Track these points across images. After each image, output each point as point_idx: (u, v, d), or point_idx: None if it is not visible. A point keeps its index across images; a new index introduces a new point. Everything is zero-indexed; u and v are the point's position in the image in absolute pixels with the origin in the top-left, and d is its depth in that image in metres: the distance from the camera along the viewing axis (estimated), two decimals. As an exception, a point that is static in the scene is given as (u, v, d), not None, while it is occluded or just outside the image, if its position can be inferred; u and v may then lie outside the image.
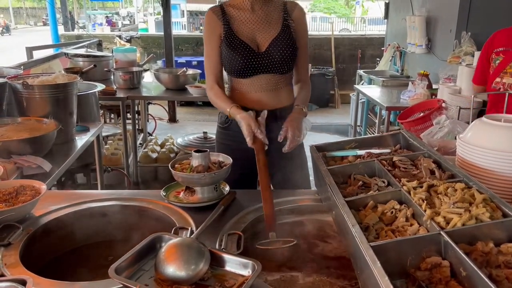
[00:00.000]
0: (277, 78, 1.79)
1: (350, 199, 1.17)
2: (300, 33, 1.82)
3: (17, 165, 1.80)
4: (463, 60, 3.87)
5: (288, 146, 1.63)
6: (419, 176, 1.28)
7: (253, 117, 1.60)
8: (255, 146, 1.56)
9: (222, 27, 1.76)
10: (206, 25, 1.80)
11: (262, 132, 1.57)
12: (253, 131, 1.56)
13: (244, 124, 1.58)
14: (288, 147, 1.63)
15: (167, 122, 6.94)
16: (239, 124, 1.63)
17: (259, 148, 1.55)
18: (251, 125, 1.57)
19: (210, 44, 1.79)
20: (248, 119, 1.59)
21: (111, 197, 1.51)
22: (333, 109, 8.20)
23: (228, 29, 1.76)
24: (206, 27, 1.80)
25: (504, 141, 1.30)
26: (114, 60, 4.45)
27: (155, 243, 1.10)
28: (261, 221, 1.37)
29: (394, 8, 6.36)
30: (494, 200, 1.05)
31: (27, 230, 1.26)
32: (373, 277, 0.83)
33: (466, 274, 0.86)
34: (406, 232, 1.03)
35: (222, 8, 1.79)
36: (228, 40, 1.75)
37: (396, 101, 3.99)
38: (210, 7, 1.83)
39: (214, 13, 1.78)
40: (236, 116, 1.64)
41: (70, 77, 2.37)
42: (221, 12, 1.78)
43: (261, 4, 1.78)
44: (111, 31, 16.08)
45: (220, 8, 1.79)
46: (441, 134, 1.91)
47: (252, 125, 1.57)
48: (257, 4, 1.78)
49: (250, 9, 1.78)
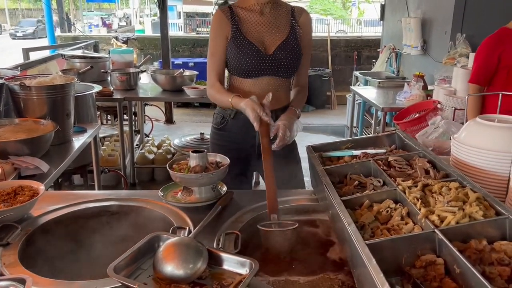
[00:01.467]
0: (279, 81, 1.81)
1: (346, 198, 1.19)
2: (305, 39, 1.84)
3: (15, 166, 1.81)
4: (458, 61, 3.90)
5: (277, 144, 1.64)
6: (414, 175, 1.29)
7: (257, 101, 1.60)
8: (261, 129, 1.57)
9: (231, 27, 1.78)
10: (214, 24, 1.82)
11: (268, 114, 1.57)
12: (259, 114, 1.56)
13: (250, 109, 1.58)
14: (277, 145, 1.64)
15: (164, 123, 6.94)
16: (243, 112, 1.62)
17: (264, 132, 1.56)
18: (255, 109, 1.57)
19: (216, 43, 1.81)
20: (252, 104, 1.59)
21: (109, 197, 1.51)
22: (330, 110, 8.22)
23: (237, 30, 1.77)
24: (214, 26, 1.82)
25: (498, 141, 1.32)
26: (111, 61, 4.45)
27: (153, 243, 1.12)
28: (258, 221, 1.38)
29: (390, 10, 6.40)
30: (487, 199, 1.07)
31: (26, 230, 1.27)
32: (369, 275, 0.85)
33: (460, 271, 0.88)
34: (401, 230, 1.05)
35: (231, 9, 1.81)
36: (236, 40, 1.76)
37: (392, 102, 4.01)
38: (218, 7, 1.85)
39: (223, 12, 1.79)
40: (240, 104, 1.64)
41: (68, 78, 2.37)
42: (230, 13, 1.80)
43: (270, 8, 1.80)
44: (108, 32, 16.06)
45: (229, 8, 1.81)
46: (436, 134, 1.93)
47: (257, 109, 1.57)
48: (266, 8, 1.80)
49: (259, 12, 1.80)
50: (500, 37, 2.67)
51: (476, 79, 2.77)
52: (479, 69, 2.76)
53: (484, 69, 2.72)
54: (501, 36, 2.67)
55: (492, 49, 2.68)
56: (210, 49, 1.84)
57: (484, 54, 2.73)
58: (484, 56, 2.72)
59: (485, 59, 2.70)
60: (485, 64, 2.71)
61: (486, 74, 2.72)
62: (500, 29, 2.72)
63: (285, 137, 1.65)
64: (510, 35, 2.65)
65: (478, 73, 2.76)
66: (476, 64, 2.77)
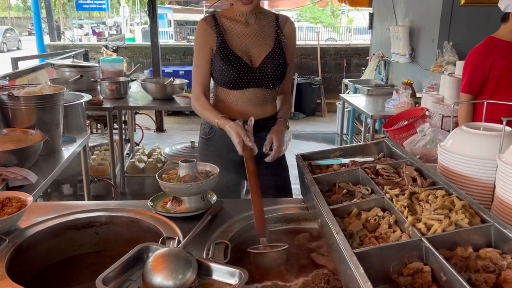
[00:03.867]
0: (265, 92, 1.82)
1: (334, 206, 1.20)
2: (290, 48, 1.85)
3: (3, 176, 1.79)
4: (445, 69, 3.96)
5: (272, 157, 1.67)
6: (401, 183, 1.31)
7: (242, 126, 1.64)
8: (244, 153, 1.59)
9: (216, 38, 1.76)
10: (198, 35, 1.80)
11: (251, 140, 1.61)
12: (243, 139, 1.60)
13: (234, 133, 1.62)
14: (272, 157, 1.67)
15: (154, 132, 6.92)
16: (228, 134, 1.65)
17: (248, 155, 1.58)
18: (240, 134, 1.61)
19: (201, 54, 1.79)
20: (237, 128, 1.63)
21: (98, 207, 1.51)
22: (320, 117, 8.26)
23: (222, 41, 1.76)
24: (198, 37, 1.80)
25: (483, 149, 1.34)
26: (100, 70, 4.45)
27: (142, 253, 1.11)
28: (248, 231, 1.38)
29: (378, 18, 6.48)
30: (473, 207, 1.08)
31: (14, 242, 1.25)
32: (357, 283, 0.85)
33: (447, 278, 0.89)
34: (389, 238, 1.06)
35: (215, 19, 1.79)
36: (221, 52, 1.75)
37: (381, 110, 4.05)
38: (203, 17, 1.84)
39: (207, 23, 1.78)
40: (225, 126, 1.67)
41: (57, 88, 2.36)
42: (214, 23, 1.78)
43: (255, 18, 1.79)
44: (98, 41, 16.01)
45: (212, 18, 1.79)
46: (423, 142, 1.95)
47: (241, 134, 1.61)
48: (251, 18, 1.79)
49: (244, 22, 1.79)
50: (489, 47, 2.69)
51: (469, 89, 2.76)
52: (471, 79, 2.74)
53: (477, 78, 2.70)
54: (489, 46, 2.70)
55: (483, 59, 2.69)
56: (195, 61, 1.82)
57: (474, 63, 2.72)
58: (474, 65, 2.72)
59: (477, 68, 2.70)
60: (477, 73, 2.69)
61: (478, 84, 2.72)
62: (488, 38, 2.75)
63: (280, 149, 1.69)
64: (498, 44, 2.69)
65: (470, 83, 2.74)
66: (467, 74, 2.75)
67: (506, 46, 2.68)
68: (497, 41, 2.70)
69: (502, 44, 2.68)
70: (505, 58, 2.66)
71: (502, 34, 2.71)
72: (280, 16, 1.87)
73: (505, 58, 2.65)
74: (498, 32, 2.75)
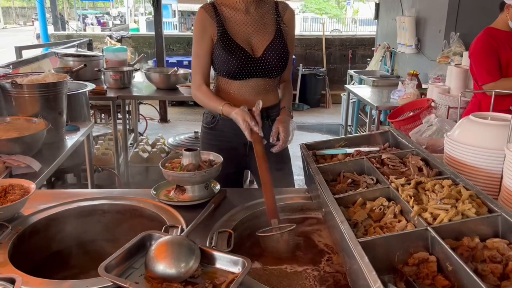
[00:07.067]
0: (268, 81, 1.80)
1: (339, 196, 1.18)
2: (290, 36, 1.83)
3: (6, 164, 1.79)
4: (452, 60, 3.91)
5: (280, 147, 1.65)
6: (407, 173, 1.29)
7: (247, 111, 1.61)
8: (253, 138, 1.57)
9: (216, 28, 1.73)
10: (197, 24, 1.77)
11: (258, 124, 1.58)
12: (250, 124, 1.57)
13: (240, 119, 1.59)
14: (279, 147, 1.65)
15: (158, 122, 6.91)
16: (235, 121, 1.63)
17: (256, 139, 1.56)
18: (246, 119, 1.58)
19: (201, 43, 1.76)
20: (243, 114, 1.59)
21: (101, 196, 1.50)
22: (325, 109, 8.22)
23: (223, 31, 1.73)
24: (197, 26, 1.77)
25: (490, 139, 1.32)
26: (104, 60, 4.42)
27: (145, 241, 1.11)
28: (251, 219, 1.38)
29: (384, 9, 6.41)
30: (480, 196, 1.07)
31: (16, 229, 1.25)
32: (361, 272, 0.84)
33: (452, 268, 0.88)
34: (394, 228, 1.04)
35: (215, 7, 1.76)
36: (223, 43, 1.72)
37: (386, 101, 4.02)
38: (201, 6, 1.81)
39: (206, 12, 1.74)
40: (231, 113, 1.64)
41: (60, 76, 2.35)
42: (213, 12, 1.75)
43: (255, 6, 1.76)
44: (102, 30, 15.97)
45: (212, 6, 1.76)
46: (429, 132, 1.93)
47: (247, 119, 1.57)
48: (251, 6, 1.76)
49: (245, 10, 1.75)
50: (491, 36, 2.67)
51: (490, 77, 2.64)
52: (488, 66, 2.64)
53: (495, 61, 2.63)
54: (491, 35, 2.67)
55: (491, 45, 2.65)
56: (195, 50, 1.79)
57: (484, 50, 2.67)
58: (485, 52, 2.66)
59: (489, 54, 2.64)
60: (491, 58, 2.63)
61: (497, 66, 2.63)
62: (487, 28, 2.72)
63: (287, 139, 1.67)
64: (497, 34, 2.67)
65: (488, 69, 2.65)
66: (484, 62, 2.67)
67: (504, 36, 2.67)
68: (495, 31, 2.68)
69: (501, 35, 2.67)
70: (505, 48, 2.63)
71: (500, 25, 2.70)
72: (280, 3, 1.84)
73: (505, 48, 2.63)
74: (495, 22, 2.73)
